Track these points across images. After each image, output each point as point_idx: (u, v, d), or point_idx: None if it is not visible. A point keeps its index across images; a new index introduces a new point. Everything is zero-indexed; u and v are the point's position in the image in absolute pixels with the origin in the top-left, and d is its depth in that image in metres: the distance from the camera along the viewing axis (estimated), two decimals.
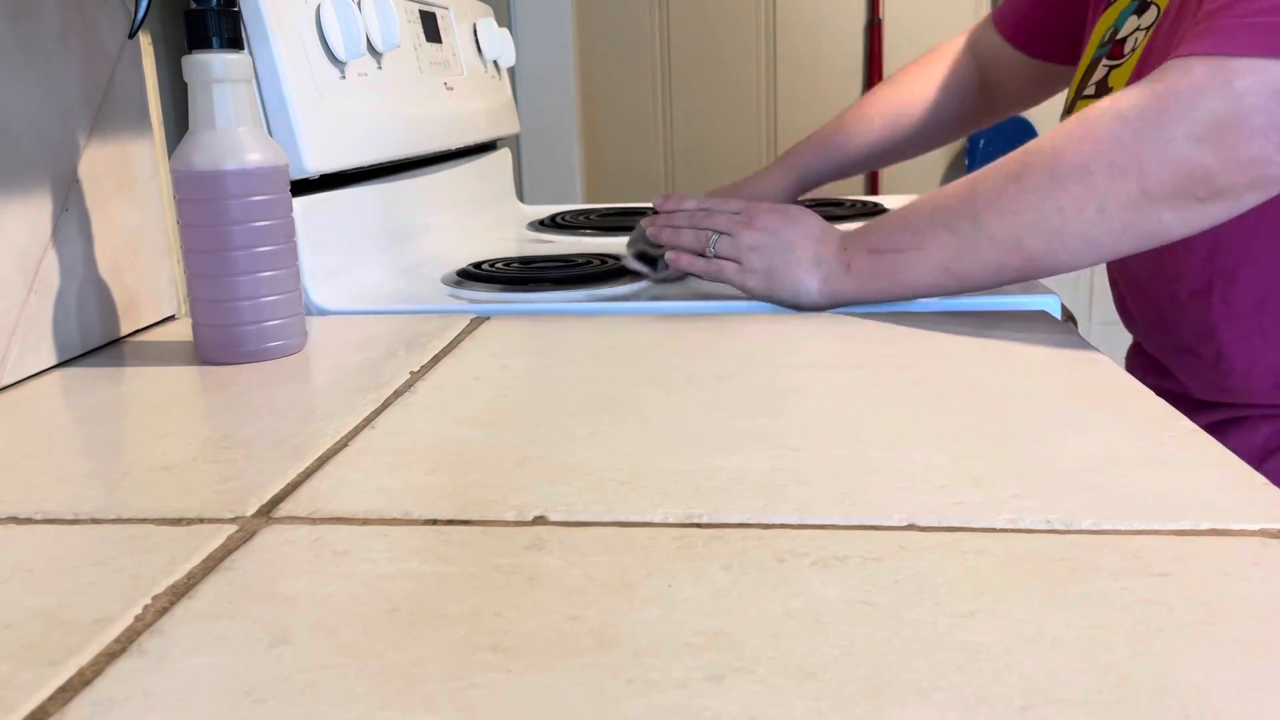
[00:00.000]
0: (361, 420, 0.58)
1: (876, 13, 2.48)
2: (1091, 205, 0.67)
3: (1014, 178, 0.70)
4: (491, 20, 1.42)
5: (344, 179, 0.95)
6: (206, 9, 0.68)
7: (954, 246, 0.73)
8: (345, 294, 0.89)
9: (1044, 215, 0.69)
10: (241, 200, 0.68)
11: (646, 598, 0.37)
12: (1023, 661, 0.32)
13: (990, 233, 0.71)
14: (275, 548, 0.42)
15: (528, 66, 2.09)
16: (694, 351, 0.70)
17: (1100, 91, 0.87)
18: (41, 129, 0.69)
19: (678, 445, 0.52)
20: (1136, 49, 0.85)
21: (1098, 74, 0.89)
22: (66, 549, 0.43)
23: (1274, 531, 0.40)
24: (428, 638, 0.35)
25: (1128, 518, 0.42)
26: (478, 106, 1.31)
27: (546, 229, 1.29)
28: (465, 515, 0.45)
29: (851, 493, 0.46)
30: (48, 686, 0.33)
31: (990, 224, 0.71)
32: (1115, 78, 0.87)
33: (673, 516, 0.44)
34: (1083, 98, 0.90)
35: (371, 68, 1.00)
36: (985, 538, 0.41)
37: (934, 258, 0.74)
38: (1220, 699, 0.30)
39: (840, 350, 0.69)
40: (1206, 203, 0.66)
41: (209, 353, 0.70)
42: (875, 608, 0.36)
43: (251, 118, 0.70)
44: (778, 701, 0.30)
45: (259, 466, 0.51)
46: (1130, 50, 0.86)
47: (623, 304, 0.86)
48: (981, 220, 0.71)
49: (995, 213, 0.71)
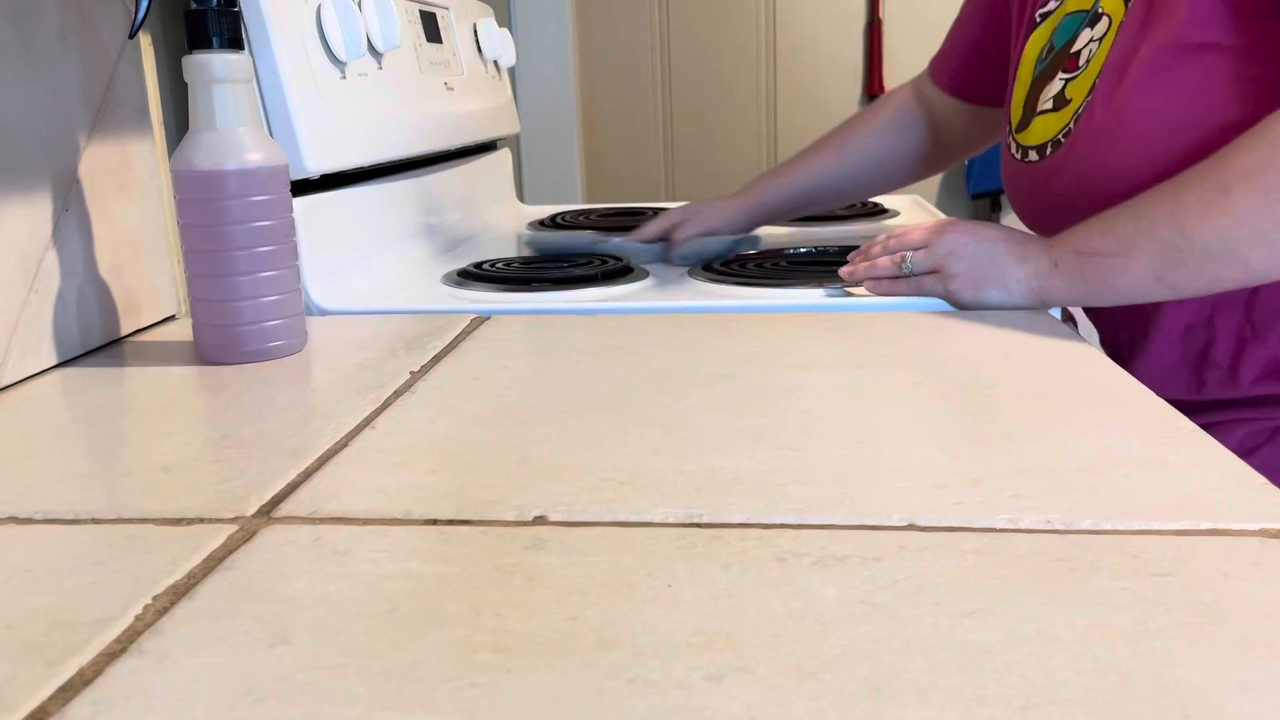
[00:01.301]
0: (361, 420, 0.58)
1: (876, 13, 2.48)
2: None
3: (1221, 191, 0.71)
4: (491, 20, 1.42)
5: (344, 179, 0.95)
6: (206, 9, 0.68)
7: (1165, 257, 0.72)
8: (345, 294, 0.89)
9: (1260, 229, 0.69)
10: (242, 200, 0.68)
11: (646, 598, 0.37)
12: (1023, 661, 0.32)
13: (1204, 245, 0.71)
14: (275, 548, 0.42)
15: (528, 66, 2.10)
16: (694, 351, 0.69)
17: (1059, 105, 0.89)
18: (41, 129, 0.69)
19: (678, 445, 0.52)
20: (1093, 59, 0.86)
21: (1053, 88, 0.90)
22: (66, 549, 0.43)
23: (1274, 531, 0.40)
24: (428, 638, 0.35)
25: (1128, 518, 0.42)
26: (478, 106, 1.31)
27: (546, 229, 1.29)
28: (465, 515, 0.45)
29: (851, 493, 0.46)
30: (48, 686, 0.33)
31: (1202, 237, 0.71)
32: (1073, 89, 0.88)
33: (673, 516, 0.44)
34: (1040, 113, 0.91)
35: (372, 68, 1.00)
36: (985, 538, 0.41)
37: (1145, 267, 0.73)
38: (1220, 699, 0.30)
39: (840, 350, 0.69)
40: None
41: (209, 353, 0.70)
42: (875, 608, 0.36)
43: (252, 118, 0.70)
44: (778, 701, 0.30)
45: (259, 466, 0.51)
46: (1086, 61, 0.87)
47: (623, 304, 0.86)
48: (1192, 234, 0.71)
49: (1206, 227, 0.71)
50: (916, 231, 0.83)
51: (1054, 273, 0.77)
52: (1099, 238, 0.76)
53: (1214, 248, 0.71)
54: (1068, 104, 0.88)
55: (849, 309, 0.81)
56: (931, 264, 0.80)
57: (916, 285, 0.81)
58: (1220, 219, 0.70)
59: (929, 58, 1.15)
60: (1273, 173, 0.69)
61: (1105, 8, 0.88)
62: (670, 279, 0.94)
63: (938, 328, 0.74)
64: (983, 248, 0.79)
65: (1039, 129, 0.92)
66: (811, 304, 0.83)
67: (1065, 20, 0.91)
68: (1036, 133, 0.92)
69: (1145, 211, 0.74)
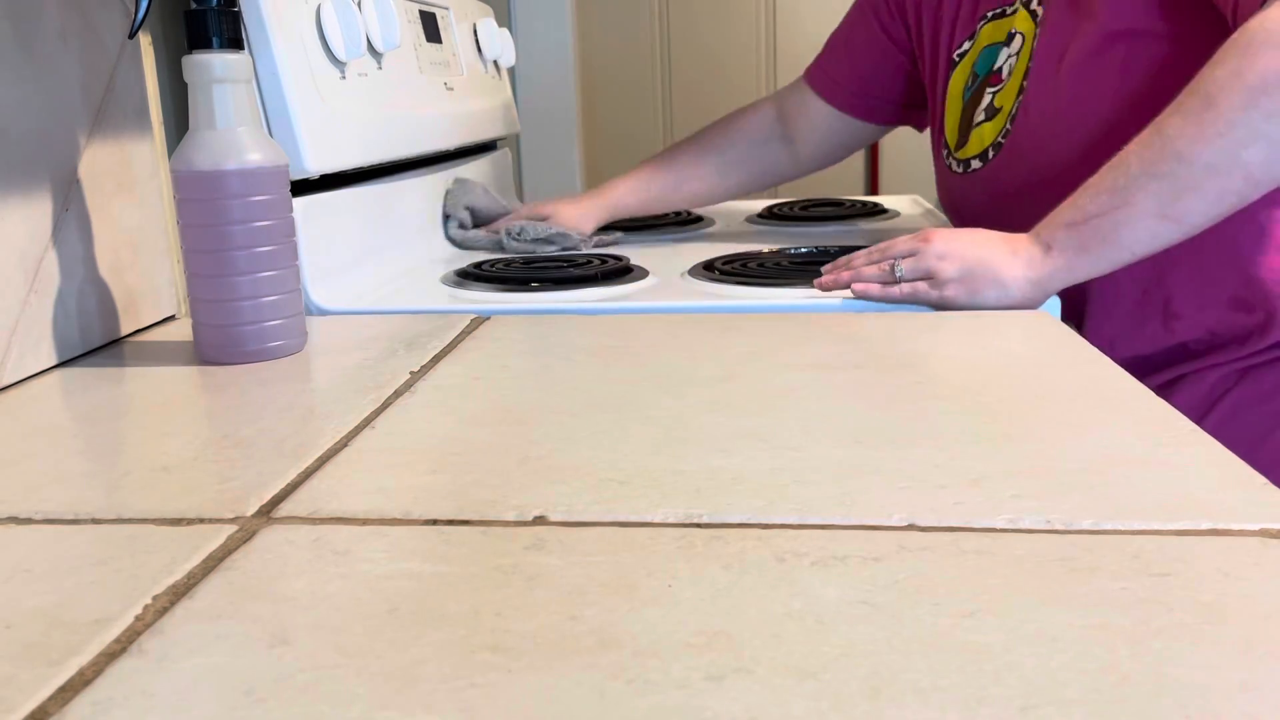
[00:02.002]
0: (361, 420, 0.58)
1: None
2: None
3: (1207, 104, 0.72)
4: (491, 20, 1.42)
5: (344, 179, 0.95)
6: (206, 9, 0.68)
7: (1165, 190, 0.73)
8: (345, 294, 0.89)
9: (1253, 126, 0.70)
10: (242, 200, 0.68)
11: (646, 598, 0.37)
12: (1023, 661, 0.32)
13: (1205, 161, 0.72)
14: (275, 548, 0.42)
15: (528, 66, 2.09)
16: (694, 351, 0.69)
17: (991, 114, 0.96)
18: (41, 129, 0.69)
19: (678, 445, 0.52)
20: (1015, 68, 0.92)
21: (983, 102, 0.97)
22: (66, 549, 0.43)
23: (1274, 531, 0.40)
24: (428, 638, 0.35)
25: (1128, 518, 0.42)
26: (478, 106, 1.31)
27: None
28: (465, 515, 0.45)
29: (851, 493, 0.46)
30: (48, 686, 0.33)
31: (1200, 154, 0.72)
32: (1001, 98, 0.94)
33: (673, 516, 0.44)
34: (975, 126, 0.98)
35: (372, 68, 1.00)
36: (985, 538, 0.41)
37: (1146, 208, 0.74)
38: (1220, 699, 0.30)
39: (840, 350, 0.69)
40: None
41: (209, 353, 0.70)
42: (875, 608, 0.36)
43: (251, 118, 0.70)
44: (778, 701, 0.30)
45: (259, 466, 0.51)
46: (1009, 74, 0.94)
47: (623, 304, 0.86)
48: (1187, 155, 0.72)
49: (1200, 143, 0.72)
50: (901, 241, 0.83)
51: (1049, 256, 0.77)
52: (1089, 203, 0.76)
53: (1213, 161, 0.72)
54: (999, 112, 0.94)
55: (849, 309, 0.81)
56: (923, 270, 0.80)
57: (910, 290, 0.80)
58: (1211, 130, 0.71)
59: None
60: (1250, 75, 0.70)
61: (1018, 28, 0.94)
62: (670, 279, 0.94)
63: (937, 328, 0.74)
64: (972, 250, 0.79)
65: (975, 141, 0.98)
66: (811, 304, 0.83)
67: (984, 52, 0.98)
68: (974, 145, 0.98)
69: (1129, 161, 0.75)
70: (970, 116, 0.99)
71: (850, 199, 1.42)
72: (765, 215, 1.33)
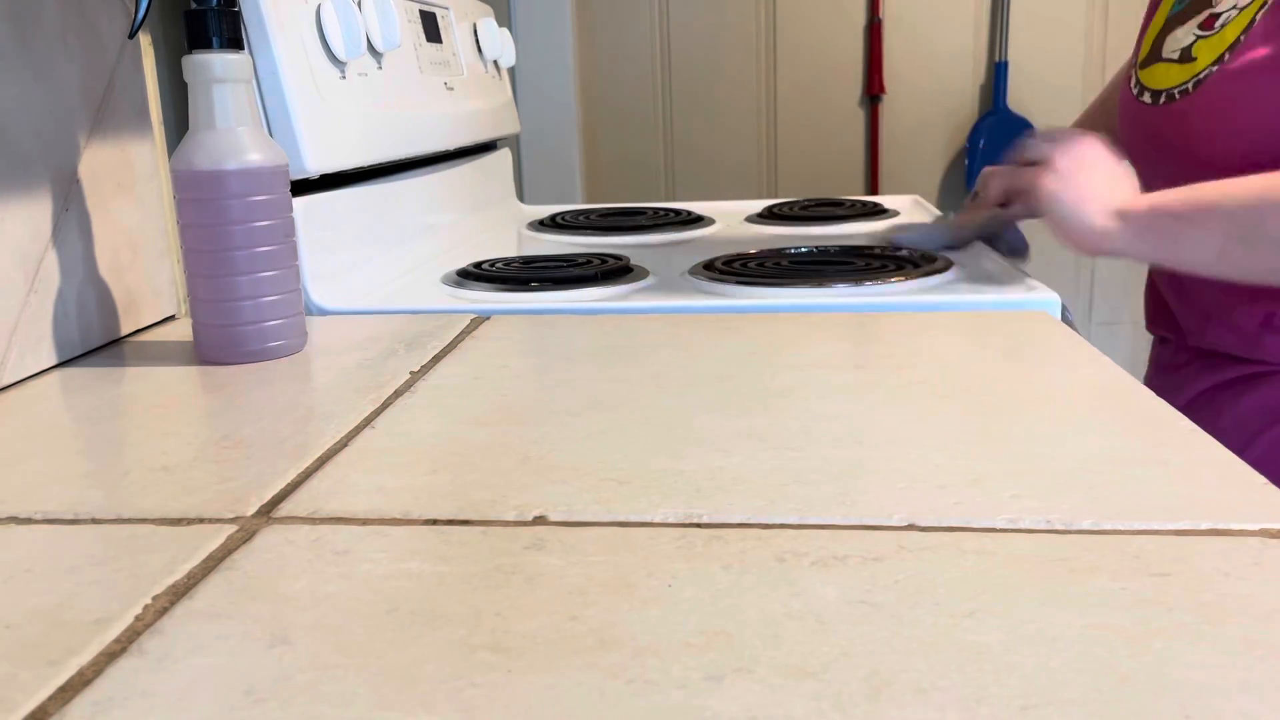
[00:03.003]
0: (361, 420, 0.58)
1: (876, 13, 2.48)
2: None
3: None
4: (491, 20, 1.42)
5: (344, 179, 0.95)
6: (206, 9, 0.68)
7: (1235, 236, 0.75)
8: (345, 294, 0.89)
9: None
10: (242, 200, 0.68)
11: (646, 598, 0.37)
12: (1023, 661, 0.32)
13: (1274, 238, 0.74)
14: (275, 548, 0.42)
15: (528, 66, 2.09)
16: (694, 351, 0.69)
17: (1184, 59, 0.91)
18: (41, 129, 0.69)
19: (678, 445, 0.52)
20: (1228, 25, 0.88)
21: (1182, 39, 0.92)
22: (66, 549, 0.43)
23: (1274, 531, 0.40)
24: (428, 638, 0.35)
25: (1128, 518, 0.42)
26: (478, 106, 1.31)
27: (546, 229, 1.29)
28: (465, 515, 0.45)
29: (851, 493, 0.46)
30: (48, 686, 0.33)
31: (1275, 230, 0.74)
32: (1201, 48, 0.90)
33: (673, 516, 0.44)
34: (1164, 60, 0.94)
35: (372, 68, 1.00)
36: (985, 538, 0.41)
37: (1212, 238, 0.76)
38: (1220, 699, 0.30)
39: (840, 350, 0.69)
40: None
41: (209, 353, 0.70)
42: (875, 607, 0.36)
43: (251, 118, 0.70)
44: (778, 701, 0.30)
45: (259, 466, 0.51)
46: (1222, 25, 0.89)
47: (623, 304, 0.86)
48: (1267, 224, 0.74)
49: None
50: (1029, 173, 0.87)
51: (1123, 222, 0.80)
52: (1177, 201, 0.78)
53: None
54: (1192, 62, 0.91)
55: (849, 309, 0.81)
56: (1047, 154, 0.84)
57: (1030, 178, 0.85)
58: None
59: (929, 57, 1.15)
60: None
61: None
62: (670, 279, 0.94)
63: (937, 328, 0.74)
64: (1093, 161, 0.84)
65: (1160, 74, 0.95)
66: (811, 304, 0.83)
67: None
68: (1157, 77, 0.95)
69: (1232, 191, 0.77)
70: (1165, 37, 0.95)
71: (850, 199, 1.42)
72: (765, 215, 1.33)
